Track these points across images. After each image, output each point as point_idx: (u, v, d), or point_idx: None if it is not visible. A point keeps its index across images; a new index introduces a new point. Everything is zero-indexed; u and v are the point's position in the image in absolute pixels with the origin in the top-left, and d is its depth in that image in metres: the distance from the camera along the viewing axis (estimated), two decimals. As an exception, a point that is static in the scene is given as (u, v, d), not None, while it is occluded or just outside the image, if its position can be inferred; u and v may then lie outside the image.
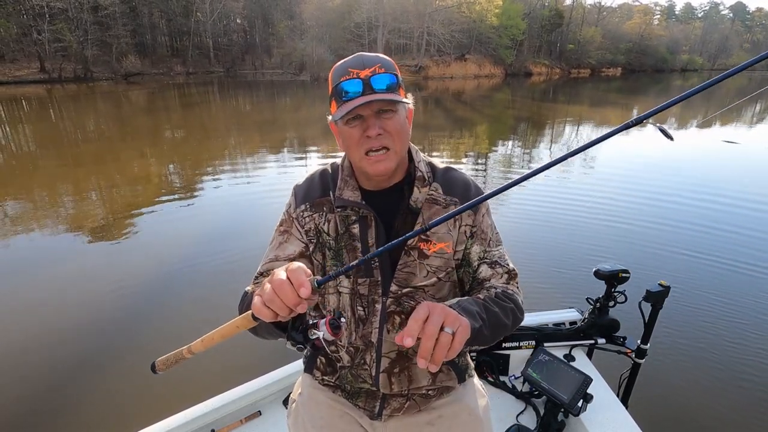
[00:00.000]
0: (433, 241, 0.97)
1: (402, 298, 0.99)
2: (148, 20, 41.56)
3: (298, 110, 19.03)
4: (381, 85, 0.88)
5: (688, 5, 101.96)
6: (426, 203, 0.99)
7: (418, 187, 0.99)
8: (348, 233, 0.99)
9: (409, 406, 1.11)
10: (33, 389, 2.67)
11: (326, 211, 1.02)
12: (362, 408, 1.13)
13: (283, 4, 49.79)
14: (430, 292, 1.00)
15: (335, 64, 0.95)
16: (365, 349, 1.04)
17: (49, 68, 32.94)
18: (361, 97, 0.87)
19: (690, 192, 6.67)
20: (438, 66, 44.02)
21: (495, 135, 12.85)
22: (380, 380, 1.06)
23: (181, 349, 0.89)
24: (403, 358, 1.05)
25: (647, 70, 65.25)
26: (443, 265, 0.99)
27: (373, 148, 0.89)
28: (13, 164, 8.69)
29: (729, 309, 3.43)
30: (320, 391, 1.17)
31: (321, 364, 1.15)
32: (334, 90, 0.91)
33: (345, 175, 1.02)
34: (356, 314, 1.02)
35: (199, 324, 3.31)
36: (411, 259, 0.97)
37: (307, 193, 1.04)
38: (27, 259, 4.52)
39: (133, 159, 9.13)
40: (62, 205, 6.24)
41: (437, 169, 1.04)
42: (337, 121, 0.92)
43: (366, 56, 0.91)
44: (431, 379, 1.09)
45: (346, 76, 0.89)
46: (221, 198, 6.62)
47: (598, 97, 27.29)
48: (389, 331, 1.01)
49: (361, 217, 0.98)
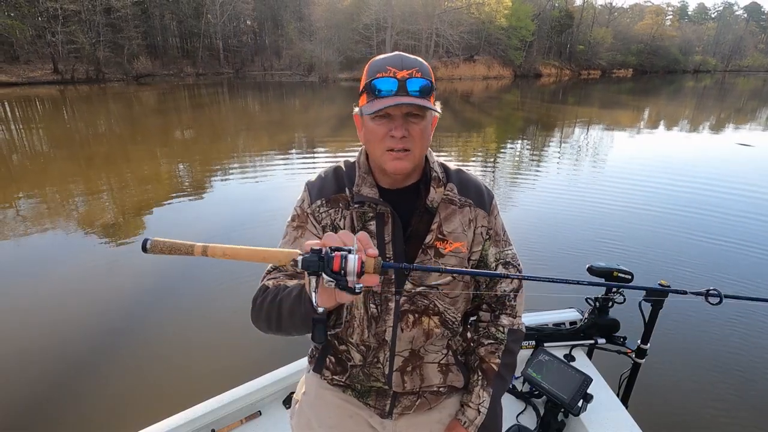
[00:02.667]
0: (450, 240, 0.99)
1: (416, 297, 1.00)
2: (160, 22, 41.98)
3: (306, 111, 19.11)
4: (415, 89, 0.88)
5: (701, 6, 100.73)
6: (442, 203, 1.00)
7: (434, 187, 1.00)
8: (364, 230, 0.99)
9: (420, 404, 1.11)
10: (34, 388, 2.68)
11: (342, 208, 1.01)
12: (373, 407, 1.12)
13: (292, 6, 50.01)
14: (444, 290, 1.01)
15: (373, 57, 0.96)
16: (378, 347, 1.04)
17: (62, 69, 33.40)
18: (394, 96, 0.88)
19: (693, 192, 6.64)
20: (446, 67, 43.90)
21: (503, 136, 12.80)
22: (393, 379, 1.06)
23: (193, 243, 0.74)
24: (415, 356, 1.06)
25: (659, 71, 64.55)
26: (458, 264, 1.00)
27: (395, 148, 0.91)
28: (27, 164, 8.82)
29: (729, 309, 3.42)
30: (329, 390, 1.16)
31: (330, 363, 1.13)
32: (368, 84, 0.91)
33: (362, 172, 1.02)
34: (369, 312, 1.02)
35: (204, 324, 3.34)
36: (427, 257, 0.98)
37: (322, 189, 1.04)
38: (35, 257, 4.57)
39: (144, 159, 9.24)
40: (72, 204, 6.33)
41: (450, 170, 1.06)
42: (363, 114, 0.94)
43: (406, 57, 0.92)
44: (442, 377, 1.10)
45: (384, 73, 0.89)
46: (229, 197, 6.67)
47: (608, 98, 27.05)
48: (403, 329, 1.02)
49: (378, 214, 0.99)
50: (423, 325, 1.03)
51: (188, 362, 2.91)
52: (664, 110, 20.86)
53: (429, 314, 1.02)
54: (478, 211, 1.03)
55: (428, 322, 1.03)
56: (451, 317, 1.06)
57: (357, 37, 42.86)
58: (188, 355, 2.99)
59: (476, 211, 1.03)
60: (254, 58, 49.34)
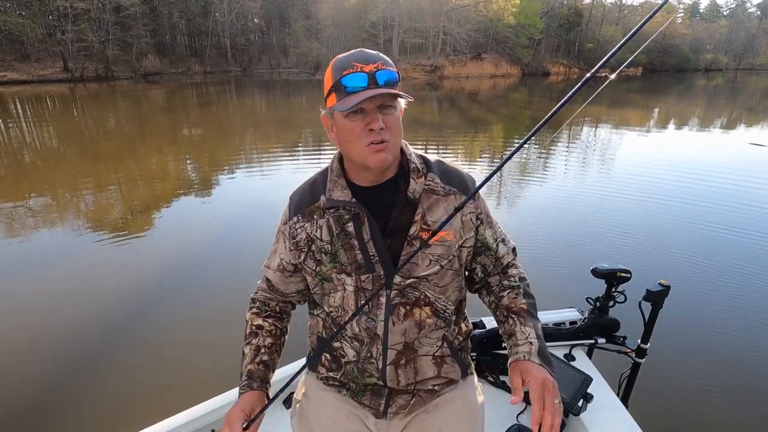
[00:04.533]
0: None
1: (406, 289, 1.00)
2: (168, 20, 42.29)
3: (313, 109, 19.16)
4: (384, 80, 0.89)
5: (713, 3, 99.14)
6: (424, 194, 0.99)
7: (414, 178, 0.99)
8: (344, 232, 1.00)
9: (415, 403, 1.11)
10: (33, 388, 2.68)
11: (317, 218, 1.03)
12: (367, 406, 1.13)
13: (300, 4, 50.13)
14: (434, 280, 1.01)
15: (335, 58, 0.95)
16: (371, 342, 1.05)
17: (72, 68, 33.78)
18: (366, 90, 0.88)
19: (695, 192, 6.57)
20: (453, 65, 43.76)
21: (510, 135, 12.74)
22: (387, 373, 1.06)
23: None
24: (409, 349, 1.06)
25: (669, 69, 63.79)
26: (445, 252, 1.00)
27: (375, 141, 0.90)
28: (37, 161, 8.94)
29: (730, 309, 3.41)
30: (326, 390, 1.17)
31: (326, 360, 1.15)
32: (336, 82, 0.91)
33: (334, 176, 1.02)
34: (359, 307, 1.03)
35: (209, 323, 3.34)
36: (414, 249, 0.98)
37: (300, 204, 1.06)
38: (38, 254, 4.60)
39: (152, 156, 9.33)
40: (81, 200, 6.40)
41: (430, 161, 1.05)
42: (333, 114, 0.93)
43: (368, 52, 0.92)
44: (437, 370, 1.10)
45: (351, 70, 0.89)
46: (236, 194, 6.71)
47: (617, 97, 26.79)
48: (394, 323, 1.02)
49: (354, 214, 0.99)
50: (415, 317, 1.02)
51: (188, 362, 2.91)
52: (674, 109, 20.65)
53: (420, 305, 1.02)
54: (463, 198, 1.02)
55: (420, 313, 1.03)
56: (442, 306, 1.06)
57: (364, 35, 42.85)
58: (188, 355, 2.98)
59: (462, 199, 1.01)
60: (261, 56, 49.53)
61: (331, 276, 1.03)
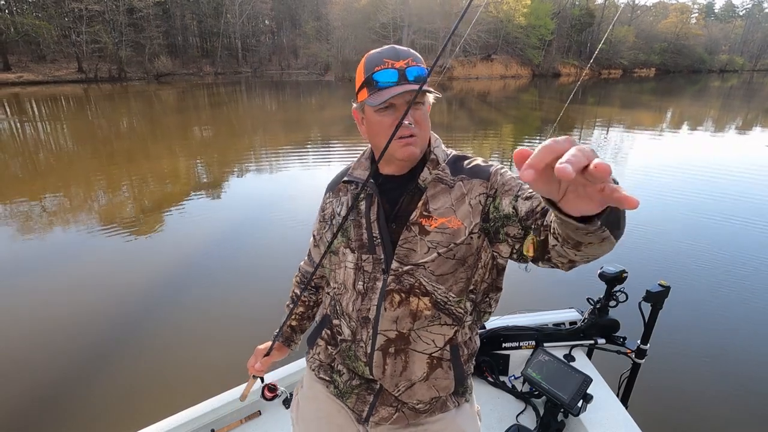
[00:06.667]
0: (434, 217, 0.97)
1: (403, 276, 0.99)
2: (180, 22, 42.81)
3: (322, 110, 19.24)
4: (414, 76, 0.92)
5: (728, 3, 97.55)
6: (432, 182, 1.00)
7: (429, 168, 1.01)
8: (356, 210, 1.04)
9: (398, 418, 1.08)
10: (34, 388, 2.70)
11: (342, 195, 1.11)
12: (351, 410, 1.12)
13: (310, 6, 50.37)
14: (431, 268, 0.97)
15: (367, 53, 0.98)
16: (362, 324, 1.04)
17: (86, 68, 34.36)
18: (398, 86, 0.91)
19: (696, 192, 6.53)
20: (463, 66, 43.60)
21: (520, 136, 12.68)
22: (374, 358, 1.04)
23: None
24: (402, 339, 1.02)
25: (683, 70, 62.88)
26: (444, 240, 0.96)
27: (404, 134, 0.93)
28: (51, 160, 9.11)
29: (729, 309, 3.39)
30: (319, 383, 1.19)
31: (326, 335, 1.16)
32: (368, 78, 0.93)
33: (363, 158, 1.11)
34: (356, 289, 1.04)
35: (205, 324, 3.35)
36: (411, 234, 0.97)
37: (334, 182, 1.16)
38: (53, 252, 4.67)
39: (163, 156, 9.45)
40: (94, 199, 6.51)
41: (450, 154, 1.06)
42: (364, 108, 0.97)
43: (399, 48, 0.94)
44: (428, 371, 1.03)
45: (382, 66, 0.92)
46: (246, 194, 6.78)
47: (629, 98, 26.49)
48: (386, 309, 1.01)
49: (368, 194, 1.03)
50: (410, 306, 1.00)
51: (188, 362, 2.92)
52: (688, 111, 20.34)
53: (417, 294, 0.99)
54: (473, 182, 0.97)
55: (417, 303, 0.99)
56: (442, 298, 0.99)
57: (374, 36, 42.88)
58: (189, 355, 2.99)
59: (471, 183, 0.97)
60: (272, 57, 49.88)
61: (338, 249, 1.07)
